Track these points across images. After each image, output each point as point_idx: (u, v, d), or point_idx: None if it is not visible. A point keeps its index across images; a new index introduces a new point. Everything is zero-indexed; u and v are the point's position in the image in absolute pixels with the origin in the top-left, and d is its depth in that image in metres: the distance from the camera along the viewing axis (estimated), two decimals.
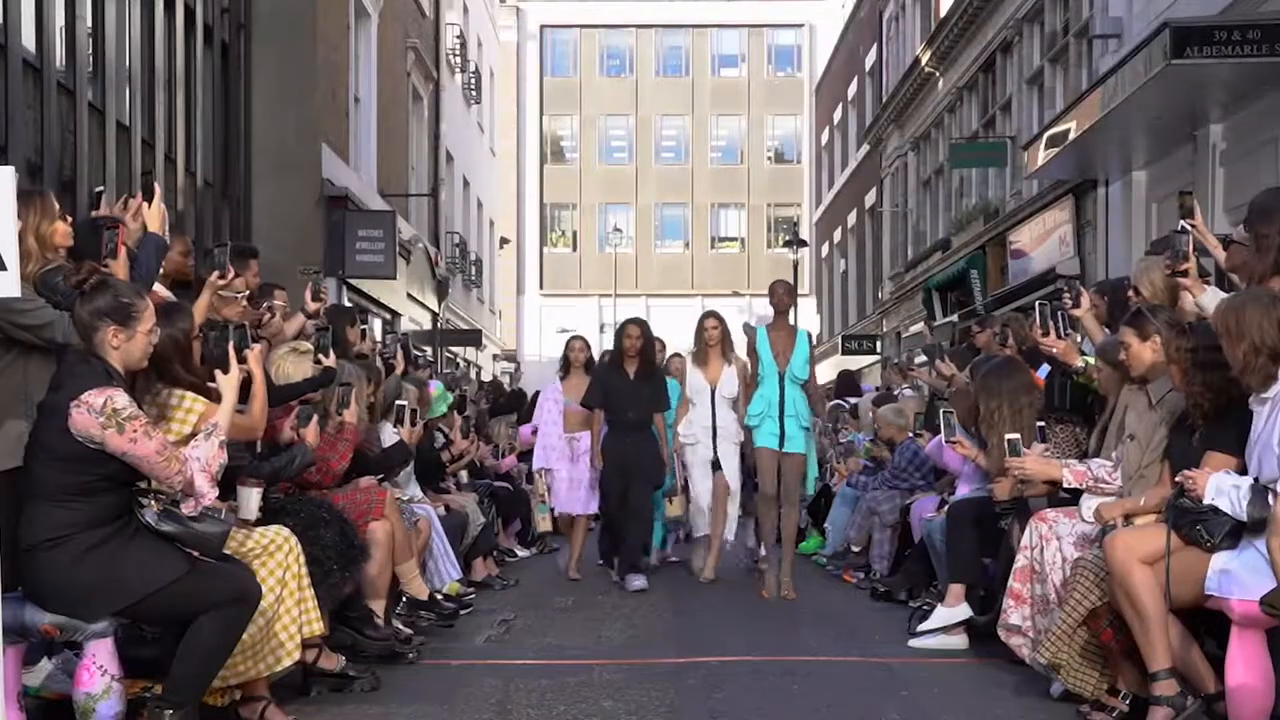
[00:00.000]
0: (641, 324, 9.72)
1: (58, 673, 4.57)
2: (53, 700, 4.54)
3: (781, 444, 8.72)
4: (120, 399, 4.10)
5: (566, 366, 10.16)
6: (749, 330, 9.24)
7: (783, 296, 9.05)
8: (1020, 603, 5.49)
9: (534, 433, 10.77)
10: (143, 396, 4.43)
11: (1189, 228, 5.44)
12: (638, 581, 8.95)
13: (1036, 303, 6.38)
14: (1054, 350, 6.22)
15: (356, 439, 6.41)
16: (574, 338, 10.45)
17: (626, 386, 9.48)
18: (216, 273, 6.00)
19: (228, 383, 4.57)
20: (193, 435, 4.52)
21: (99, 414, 4.06)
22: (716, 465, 9.57)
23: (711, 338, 9.59)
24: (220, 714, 4.69)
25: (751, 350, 9.01)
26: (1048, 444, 6.07)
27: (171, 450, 4.20)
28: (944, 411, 6.99)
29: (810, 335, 9.33)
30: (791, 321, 9.38)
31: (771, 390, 8.78)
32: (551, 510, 10.10)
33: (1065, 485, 5.56)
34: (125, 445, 4.09)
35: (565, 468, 9.90)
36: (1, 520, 4.24)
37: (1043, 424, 6.14)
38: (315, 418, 5.75)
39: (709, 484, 9.58)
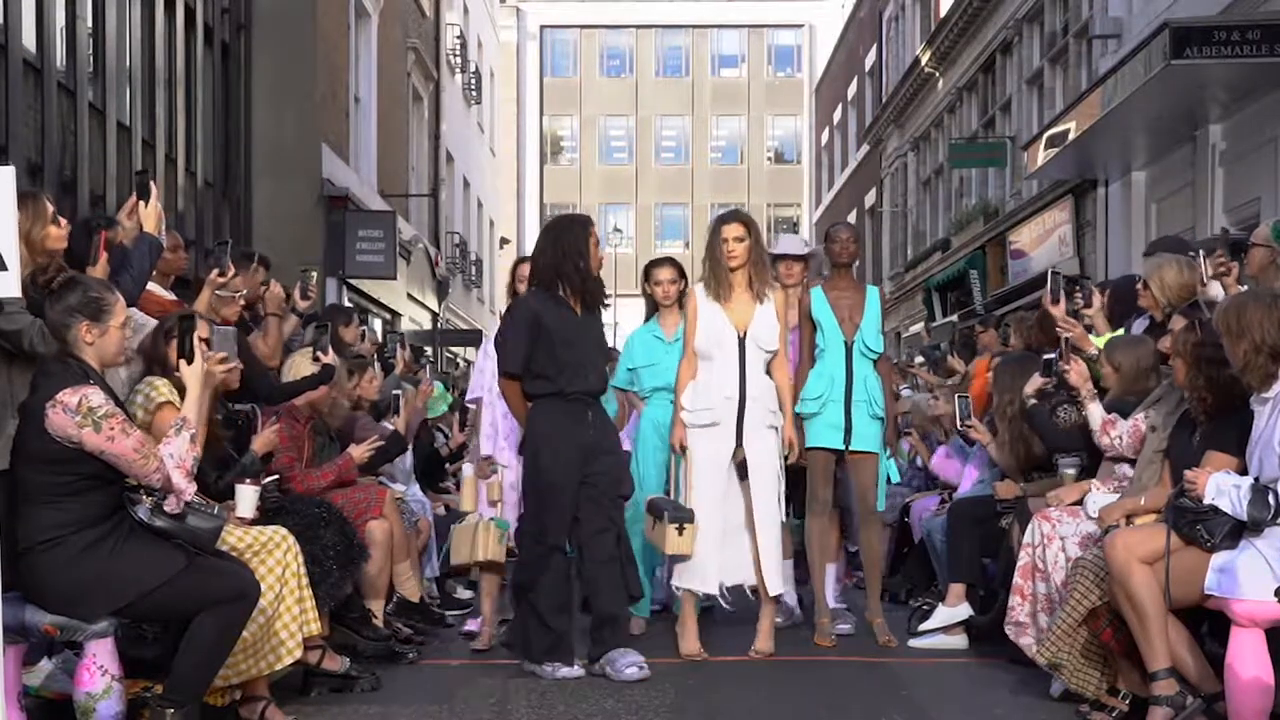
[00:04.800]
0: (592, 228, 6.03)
1: (58, 672, 4.57)
2: (53, 700, 4.55)
3: (847, 440, 6.61)
4: (96, 397, 4.09)
5: None
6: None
7: (846, 244, 6.74)
8: (1024, 599, 5.49)
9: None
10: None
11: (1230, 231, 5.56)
12: (631, 668, 5.67)
13: (1049, 271, 6.37)
14: (1070, 334, 6.20)
15: (347, 470, 6.36)
16: (525, 260, 6.61)
17: (575, 329, 5.90)
18: (216, 270, 6.01)
19: (192, 375, 4.56)
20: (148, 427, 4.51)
21: (75, 413, 4.05)
22: (743, 469, 6.28)
23: (735, 254, 6.25)
24: (220, 714, 4.69)
25: (806, 316, 6.68)
26: (1050, 379, 6.07)
27: (150, 447, 4.20)
28: (959, 396, 6.97)
29: (881, 293, 7.04)
30: (856, 277, 7.05)
31: (836, 366, 6.58)
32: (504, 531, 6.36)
33: (1092, 424, 5.64)
34: (103, 443, 4.08)
35: (514, 465, 6.28)
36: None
37: (1050, 357, 6.03)
38: (269, 425, 5.73)
39: (716, 496, 6.19)
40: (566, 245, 5.90)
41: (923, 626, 6.60)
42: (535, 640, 5.81)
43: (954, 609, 6.50)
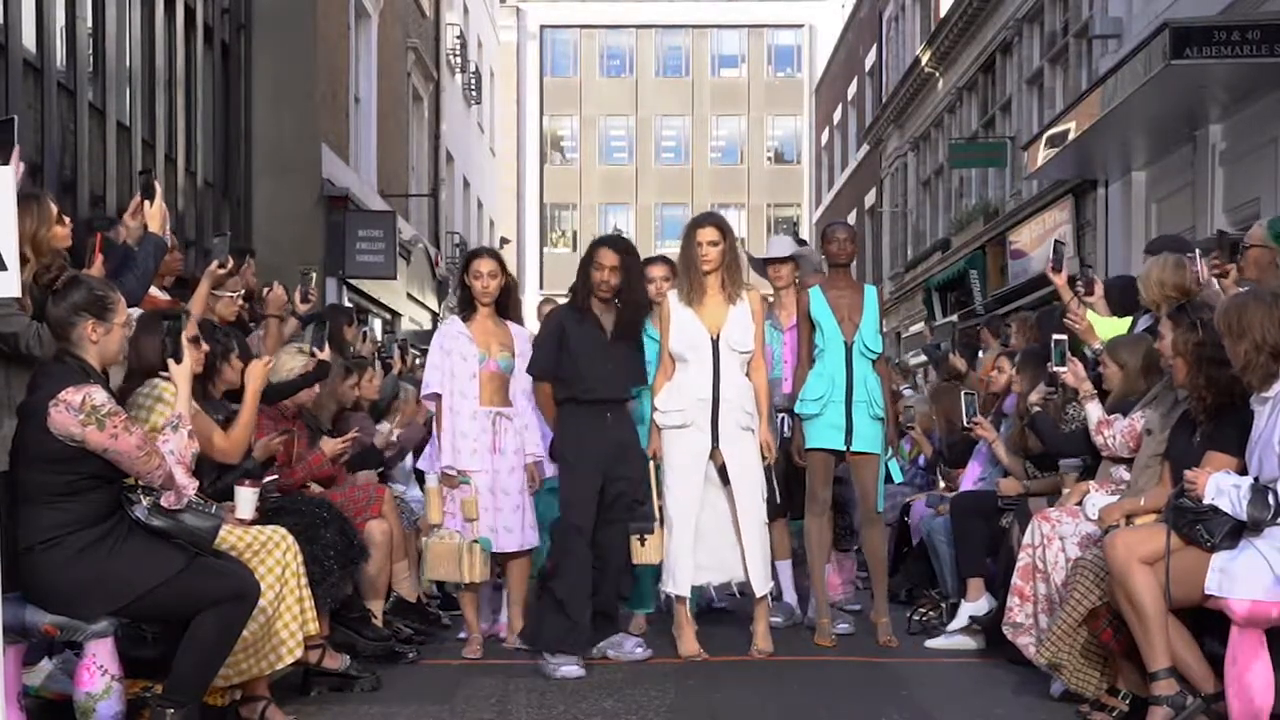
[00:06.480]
0: (621, 249, 6.27)
1: (58, 673, 4.57)
2: (53, 700, 4.55)
3: (848, 441, 6.59)
4: (99, 395, 4.10)
5: (468, 300, 6.51)
6: (754, 261, 7.13)
7: (844, 244, 6.74)
8: (1024, 600, 5.49)
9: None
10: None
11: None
12: (637, 648, 6.25)
13: (1054, 240, 6.36)
14: (1077, 327, 6.18)
15: (317, 465, 6.33)
16: (477, 254, 6.70)
17: (599, 344, 6.21)
18: (216, 262, 6.00)
19: (181, 373, 4.56)
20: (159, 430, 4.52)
21: (78, 411, 4.05)
22: (723, 473, 6.28)
23: (709, 258, 6.24)
24: (220, 714, 4.69)
25: (805, 316, 6.68)
26: (1055, 390, 6.12)
27: (151, 445, 4.21)
28: (965, 392, 6.97)
29: (879, 293, 6.98)
30: (854, 276, 7.03)
31: (835, 366, 6.55)
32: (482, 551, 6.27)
33: (1089, 422, 5.69)
34: (106, 442, 4.09)
35: (488, 468, 6.37)
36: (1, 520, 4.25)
37: (1061, 338, 6.01)
38: (275, 436, 5.73)
39: (691, 499, 6.20)
40: (582, 270, 6.26)
41: (951, 626, 6.55)
42: (548, 628, 5.93)
43: (976, 603, 6.46)
